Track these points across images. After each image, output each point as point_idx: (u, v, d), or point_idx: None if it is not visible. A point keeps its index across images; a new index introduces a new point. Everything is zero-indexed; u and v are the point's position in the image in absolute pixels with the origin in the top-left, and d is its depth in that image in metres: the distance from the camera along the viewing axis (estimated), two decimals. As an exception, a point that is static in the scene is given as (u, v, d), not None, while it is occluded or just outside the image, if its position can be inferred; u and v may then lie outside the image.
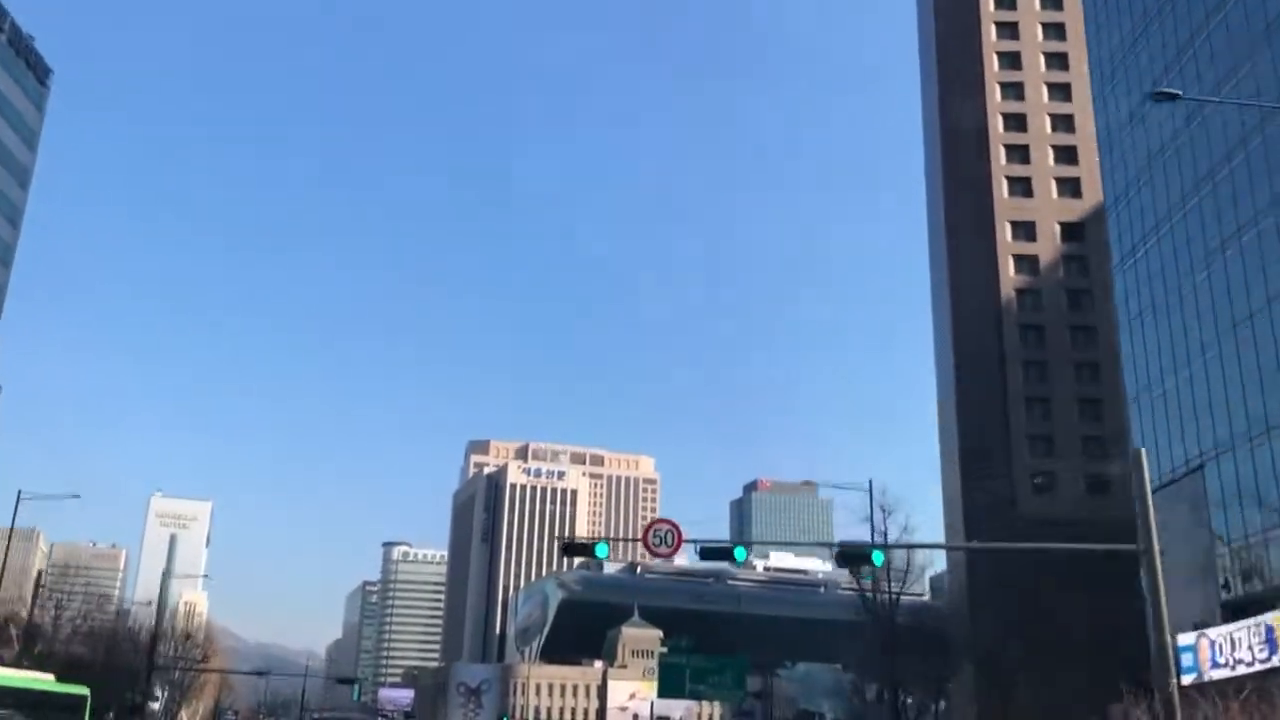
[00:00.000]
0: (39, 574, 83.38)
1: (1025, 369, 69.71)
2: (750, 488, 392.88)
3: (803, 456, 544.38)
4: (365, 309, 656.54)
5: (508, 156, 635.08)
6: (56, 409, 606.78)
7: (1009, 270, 72.62)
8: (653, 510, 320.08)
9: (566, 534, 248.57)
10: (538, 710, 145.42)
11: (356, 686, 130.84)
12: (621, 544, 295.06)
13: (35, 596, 63.39)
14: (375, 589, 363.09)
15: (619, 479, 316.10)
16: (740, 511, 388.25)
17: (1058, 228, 74.09)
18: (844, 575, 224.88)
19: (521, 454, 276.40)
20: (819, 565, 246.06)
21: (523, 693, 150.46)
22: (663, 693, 49.54)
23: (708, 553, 19.91)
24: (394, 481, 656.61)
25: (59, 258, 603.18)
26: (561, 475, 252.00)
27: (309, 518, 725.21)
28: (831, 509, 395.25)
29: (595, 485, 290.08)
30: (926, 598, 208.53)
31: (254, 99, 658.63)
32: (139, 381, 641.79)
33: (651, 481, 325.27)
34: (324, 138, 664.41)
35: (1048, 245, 73.69)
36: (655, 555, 20.25)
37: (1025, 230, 73.79)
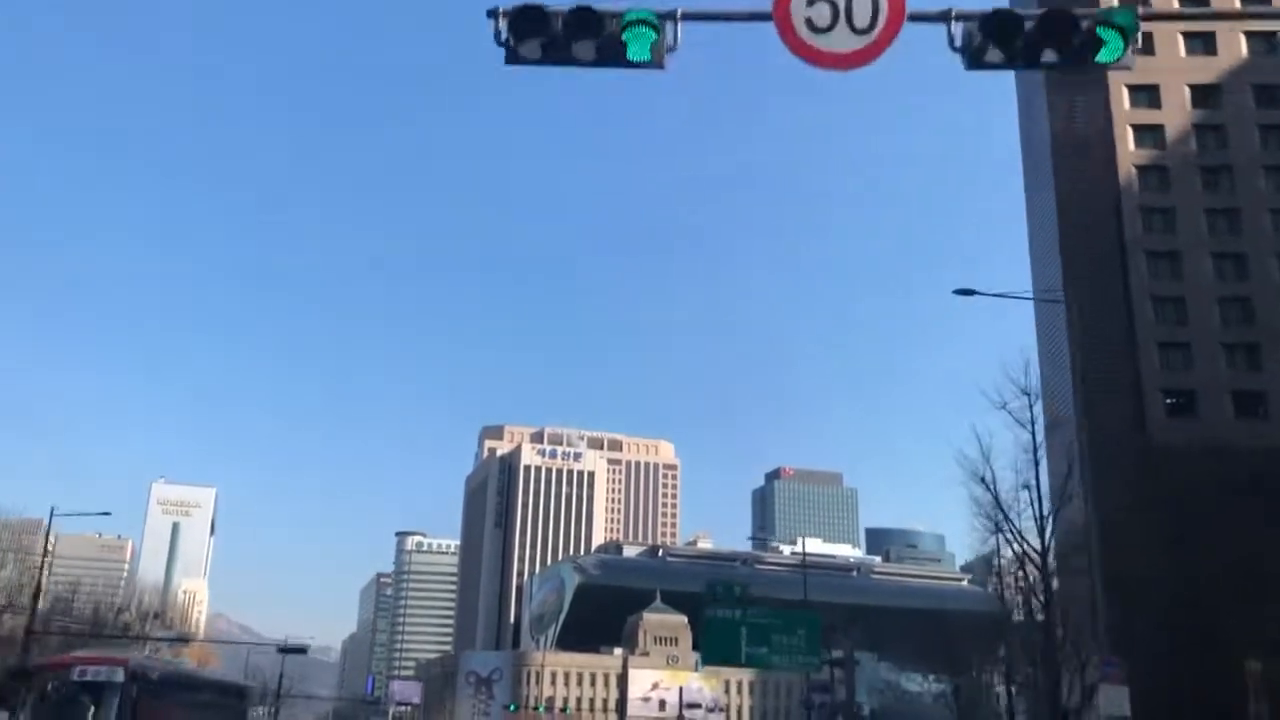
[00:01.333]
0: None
1: (1152, 261, 55.86)
2: (773, 476, 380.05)
3: (827, 442, 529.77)
4: (372, 296, 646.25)
5: (514, 135, 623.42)
6: (56, 398, 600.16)
7: (1128, 143, 58.91)
8: (673, 498, 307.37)
9: (584, 519, 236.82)
10: (550, 700, 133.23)
11: (371, 678, 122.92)
12: (642, 528, 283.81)
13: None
14: (389, 581, 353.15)
15: (638, 464, 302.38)
16: (763, 500, 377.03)
17: (1188, 91, 60.17)
18: (875, 560, 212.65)
19: (537, 439, 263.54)
20: (849, 551, 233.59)
21: (536, 682, 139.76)
22: (709, 658, 35.13)
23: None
24: (410, 473, 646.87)
25: (44, 239, 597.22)
26: (578, 457, 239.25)
27: (325, 511, 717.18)
28: (858, 499, 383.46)
29: (614, 471, 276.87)
30: (965, 582, 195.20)
31: (245, 70, 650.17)
32: (141, 375, 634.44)
33: (672, 467, 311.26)
34: (322, 108, 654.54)
35: (1176, 113, 59.84)
36: (818, 58, 6.85)
37: (1147, 95, 59.81)
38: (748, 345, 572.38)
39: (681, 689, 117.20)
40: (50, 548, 60.82)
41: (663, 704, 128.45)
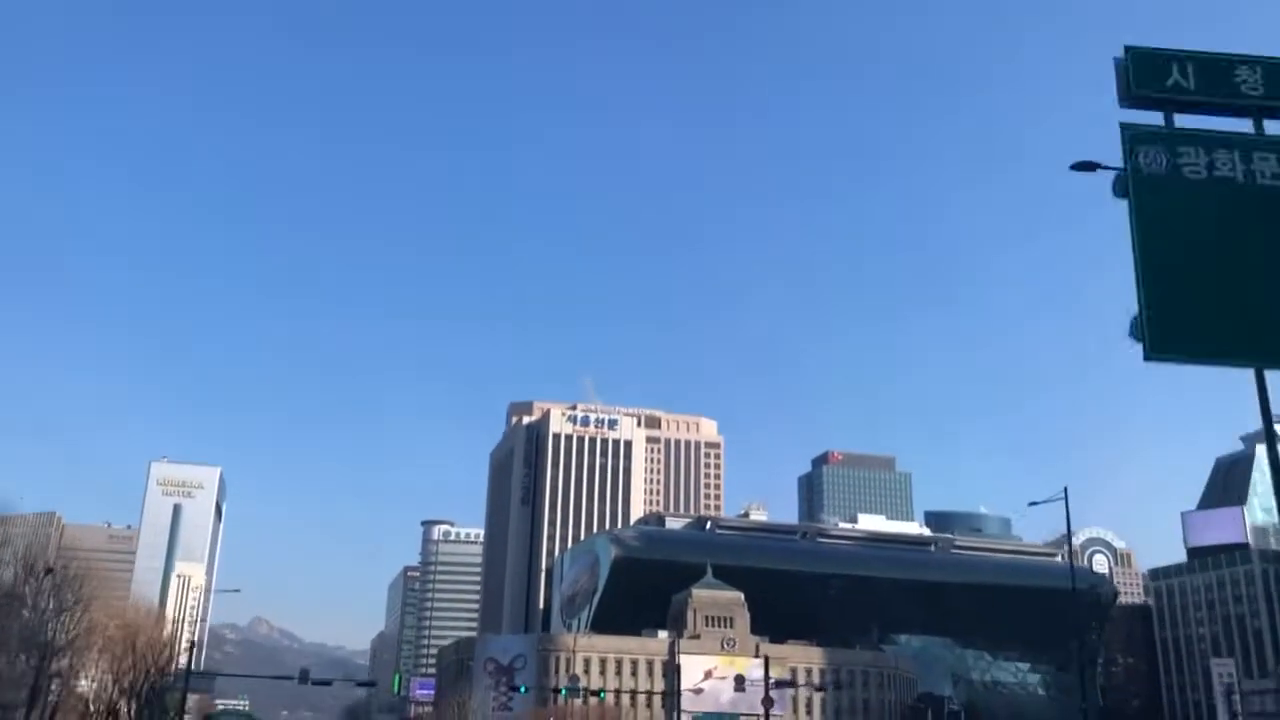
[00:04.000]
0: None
1: None
2: (820, 460, 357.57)
3: (876, 427, 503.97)
4: (383, 287, 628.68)
5: (524, 128, 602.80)
6: (59, 392, 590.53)
7: None
8: (716, 476, 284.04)
9: (620, 493, 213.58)
10: (575, 679, 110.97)
11: (396, 678, 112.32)
12: (683, 508, 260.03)
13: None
14: (417, 575, 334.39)
15: (677, 442, 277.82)
16: (810, 486, 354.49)
17: None
18: (950, 535, 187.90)
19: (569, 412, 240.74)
20: (915, 530, 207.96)
21: (567, 669, 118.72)
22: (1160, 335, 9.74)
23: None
24: (439, 467, 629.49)
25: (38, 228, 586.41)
26: (613, 424, 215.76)
27: (356, 513, 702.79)
28: (911, 483, 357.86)
29: (653, 450, 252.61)
30: (1059, 558, 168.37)
31: (256, 72, 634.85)
32: (146, 375, 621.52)
33: (714, 445, 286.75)
34: (321, 101, 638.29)
35: None
36: None
37: None
38: (793, 328, 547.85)
39: (767, 657, 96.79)
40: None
41: (740, 680, 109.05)
